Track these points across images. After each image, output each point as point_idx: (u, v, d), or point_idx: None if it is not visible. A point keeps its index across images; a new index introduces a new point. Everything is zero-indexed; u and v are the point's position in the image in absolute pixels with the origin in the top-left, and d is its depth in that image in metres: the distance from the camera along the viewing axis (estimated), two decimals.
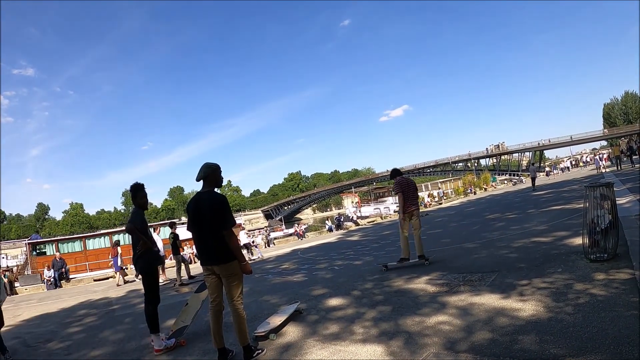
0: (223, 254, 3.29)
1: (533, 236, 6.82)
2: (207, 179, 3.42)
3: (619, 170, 22.76)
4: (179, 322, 4.48)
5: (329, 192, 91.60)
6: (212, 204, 3.29)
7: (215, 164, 3.50)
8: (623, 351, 2.34)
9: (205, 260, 3.40)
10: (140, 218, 4.25)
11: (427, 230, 12.24)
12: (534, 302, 3.47)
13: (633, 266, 3.78)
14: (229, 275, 3.30)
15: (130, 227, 4.15)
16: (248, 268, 3.38)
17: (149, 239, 4.24)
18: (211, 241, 3.31)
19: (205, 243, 3.35)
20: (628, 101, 79.46)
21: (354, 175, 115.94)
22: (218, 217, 3.26)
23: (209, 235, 3.31)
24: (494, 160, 67.25)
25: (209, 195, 3.38)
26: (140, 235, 4.15)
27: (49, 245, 20.49)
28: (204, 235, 3.34)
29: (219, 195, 3.41)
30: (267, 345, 3.64)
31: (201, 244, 3.39)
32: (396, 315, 3.86)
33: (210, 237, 3.31)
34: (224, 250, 3.28)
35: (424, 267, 6.02)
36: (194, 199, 3.45)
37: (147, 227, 4.28)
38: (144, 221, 4.26)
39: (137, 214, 4.29)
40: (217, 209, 3.26)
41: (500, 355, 2.60)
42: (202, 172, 3.43)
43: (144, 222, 4.26)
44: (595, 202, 4.34)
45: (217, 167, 3.49)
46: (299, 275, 7.97)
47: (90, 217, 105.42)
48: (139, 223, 4.20)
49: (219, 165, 3.53)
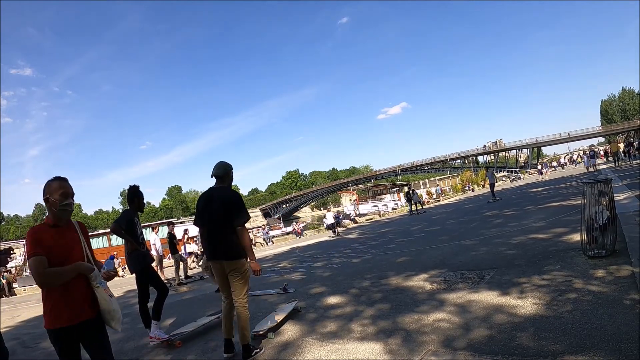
0: (233, 249, 3.30)
1: (531, 233, 6.83)
2: (223, 176, 3.48)
3: (617, 166, 22.82)
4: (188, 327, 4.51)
5: (327, 190, 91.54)
6: (228, 199, 3.34)
7: (230, 164, 3.58)
8: (622, 348, 2.34)
9: (213, 255, 3.40)
10: (127, 218, 4.25)
11: (425, 227, 12.27)
12: (532, 299, 3.47)
13: (631, 262, 3.78)
14: (236, 272, 3.32)
15: (113, 227, 4.21)
16: (258, 266, 3.45)
17: (135, 239, 4.25)
18: (221, 236, 3.32)
19: (215, 238, 3.36)
20: (625, 98, 79.57)
21: (352, 173, 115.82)
22: (233, 212, 3.29)
23: (219, 230, 3.32)
24: (491, 157, 67.31)
25: (224, 190, 3.42)
26: (122, 235, 4.20)
27: None
28: (213, 230, 3.34)
29: (234, 191, 3.47)
30: (266, 344, 3.64)
31: (210, 239, 3.39)
32: (394, 313, 3.86)
33: (220, 232, 3.32)
34: (234, 246, 3.30)
35: (422, 265, 6.02)
36: (206, 194, 3.49)
37: (134, 227, 4.28)
38: (130, 221, 4.25)
39: (125, 214, 4.32)
40: (233, 202, 3.32)
41: (498, 352, 2.60)
42: (219, 170, 3.47)
43: (130, 222, 4.26)
44: (593, 198, 4.34)
45: (231, 166, 3.57)
46: (297, 273, 7.97)
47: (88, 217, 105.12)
48: (124, 223, 4.21)
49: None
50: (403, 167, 75.96)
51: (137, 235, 4.30)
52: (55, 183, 2.19)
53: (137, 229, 4.31)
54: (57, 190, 2.16)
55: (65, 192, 2.18)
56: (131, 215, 4.30)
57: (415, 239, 9.82)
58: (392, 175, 74.62)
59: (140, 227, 4.46)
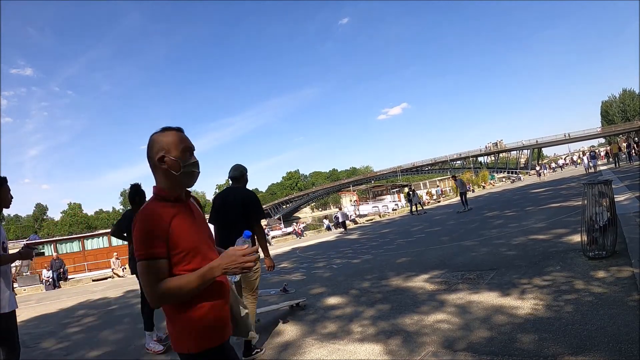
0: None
1: (531, 234, 6.83)
2: (239, 177, 3.68)
3: (617, 167, 22.81)
4: None
5: (328, 191, 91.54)
6: (247, 197, 3.54)
7: (245, 166, 3.80)
8: (622, 349, 2.34)
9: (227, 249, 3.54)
10: (128, 219, 4.23)
11: (426, 228, 12.26)
12: (532, 300, 3.47)
13: (632, 263, 3.78)
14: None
15: (111, 231, 4.28)
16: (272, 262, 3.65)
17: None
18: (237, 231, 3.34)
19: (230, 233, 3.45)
20: (626, 99, 79.59)
21: (353, 173, 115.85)
22: (251, 210, 3.48)
23: (235, 226, 3.40)
24: (492, 158, 67.33)
25: (242, 190, 3.62)
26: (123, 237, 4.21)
27: (47, 245, 20.44)
28: (229, 226, 3.47)
29: (251, 190, 3.69)
30: (267, 345, 3.64)
31: (225, 234, 3.54)
32: (394, 314, 3.86)
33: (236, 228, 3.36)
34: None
35: (423, 265, 6.02)
36: (224, 193, 3.69)
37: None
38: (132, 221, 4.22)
39: (126, 215, 4.31)
40: (252, 200, 3.52)
41: (498, 353, 2.60)
42: (235, 172, 3.70)
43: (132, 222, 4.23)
44: (593, 199, 4.34)
45: (246, 169, 3.81)
46: (298, 273, 7.96)
47: (88, 217, 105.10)
48: (124, 224, 4.21)
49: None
50: (403, 167, 76.00)
51: None
52: (171, 135, 1.45)
53: None
54: (176, 145, 1.44)
55: (188, 146, 1.47)
56: (133, 216, 4.27)
57: (415, 240, 9.82)
58: (393, 176, 74.68)
59: None
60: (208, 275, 1.34)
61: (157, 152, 1.43)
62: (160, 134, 1.46)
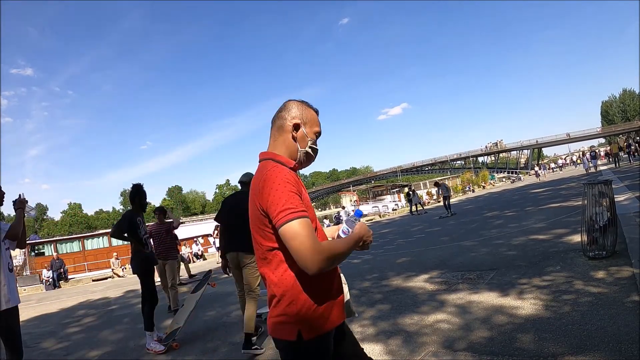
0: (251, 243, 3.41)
1: (531, 234, 6.83)
2: (248, 182, 3.82)
3: (617, 167, 22.81)
4: (173, 324, 4.48)
5: (328, 191, 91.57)
6: None
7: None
8: (622, 349, 2.34)
9: (233, 247, 3.74)
10: (128, 219, 4.22)
11: (426, 228, 12.26)
12: (532, 300, 3.47)
13: (632, 264, 3.78)
14: (252, 265, 3.59)
15: (111, 232, 4.29)
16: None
17: (138, 240, 4.22)
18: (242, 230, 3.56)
19: (237, 233, 3.69)
20: (626, 99, 79.66)
21: (353, 173, 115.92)
22: None
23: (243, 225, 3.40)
24: (492, 158, 67.32)
25: None
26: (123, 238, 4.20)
27: (47, 245, 20.46)
28: (237, 226, 3.63)
29: None
30: (267, 345, 3.64)
31: (232, 233, 3.76)
32: (395, 314, 3.86)
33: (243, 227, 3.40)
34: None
35: (423, 265, 6.02)
36: (234, 196, 4.05)
37: (136, 228, 4.21)
38: (131, 222, 4.20)
39: (125, 215, 4.28)
40: None
41: (498, 353, 2.60)
42: (245, 177, 3.94)
43: (132, 222, 4.21)
44: (593, 199, 4.34)
45: None
46: None
47: (88, 217, 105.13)
48: (125, 225, 4.19)
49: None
50: (403, 167, 75.93)
51: (140, 236, 4.22)
52: (313, 112, 1.47)
53: (140, 230, 4.23)
54: (314, 123, 1.45)
55: (320, 131, 1.50)
56: (133, 216, 4.23)
57: (415, 240, 9.83)
58: (393, 176, 74.65)
59: (145, 227, 4.37)
60: (358, 243, 1.33)
61: (295, 117, 1.39)
62: (303, 104, 1.44)
